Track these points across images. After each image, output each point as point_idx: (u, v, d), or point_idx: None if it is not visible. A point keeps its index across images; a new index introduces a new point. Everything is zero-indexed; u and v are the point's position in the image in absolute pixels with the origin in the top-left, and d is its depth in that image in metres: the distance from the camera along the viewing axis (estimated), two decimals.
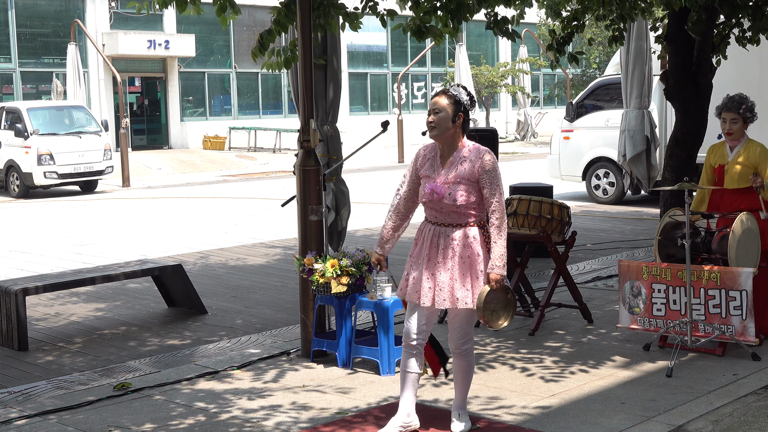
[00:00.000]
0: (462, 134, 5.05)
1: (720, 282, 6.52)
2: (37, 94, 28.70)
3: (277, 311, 8.75)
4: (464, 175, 4.94)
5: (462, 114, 5.01)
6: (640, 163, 12.68)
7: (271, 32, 7.68)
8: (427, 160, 5.11)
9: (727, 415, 5.36)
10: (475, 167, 4.94)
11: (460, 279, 4.93)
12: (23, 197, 21.14)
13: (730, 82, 11.88)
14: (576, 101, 17.29)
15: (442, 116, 4.98)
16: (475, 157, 4.97)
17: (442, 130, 5.00)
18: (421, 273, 5.02)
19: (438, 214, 5.02)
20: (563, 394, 5.83)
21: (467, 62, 32.00)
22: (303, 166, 6.77)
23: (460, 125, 5.01)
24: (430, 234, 5.03)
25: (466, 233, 4.95)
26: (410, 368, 5.09)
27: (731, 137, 6.90)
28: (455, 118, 4.99)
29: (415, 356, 5.09)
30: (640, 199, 17.00)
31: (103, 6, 29.82)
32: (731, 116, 6.86)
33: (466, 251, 4.94)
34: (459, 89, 5.05)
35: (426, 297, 4.99)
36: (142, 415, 5.66)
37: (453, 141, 5.02)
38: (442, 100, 5.01)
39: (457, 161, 4.99)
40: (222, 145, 31.46)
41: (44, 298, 9.31)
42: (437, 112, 4.99)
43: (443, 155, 5.06)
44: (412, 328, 5.08)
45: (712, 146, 7.14)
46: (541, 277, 9.63)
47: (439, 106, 5.00)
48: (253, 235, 13.80)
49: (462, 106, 5.00)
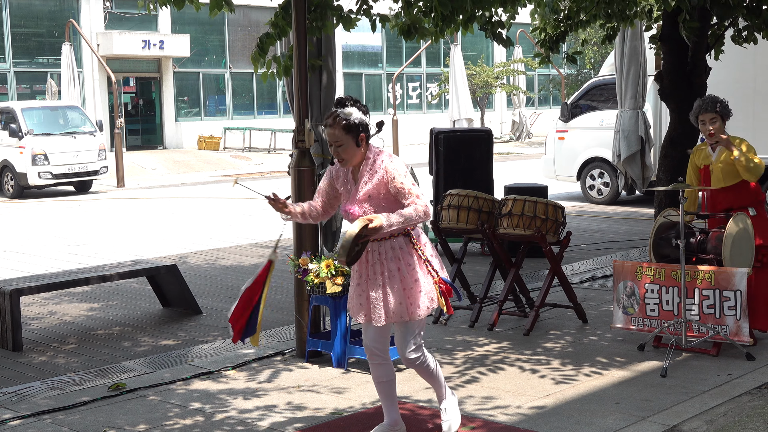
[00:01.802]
0: (368, 147, 4.83)
1: (714, 282, 6.53)
2: (32, 94, 28.66)
3: (271, 311, 8.74)
4: (371, 191, 4.76)
5: (363, 134, 4.77)
6: (634, 164, 12.71)
7: (270, 36, 7.69)
8: (340, 176, 4.93)
9: (722, 415, 5.37)
10: (380, 181, 4.74)
11: (391, 293, 4.77)
12: (17, 197, 21.11)
13: (725, 82, 11.91)
14: (571, 101, 17.31)
15: (345, 148, 4.75)
16: (378, 169, 4.76)
17: (352, 160, 4.80)
18: (355, 290, 4.92)
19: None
20: (558, 394, 5.83)
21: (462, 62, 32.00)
22: (298, 166, 6.77)
23: (365, 142, 4.80)
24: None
25: (392, 245, 4.78)
26: (381, 377, 4.99)
27: (713, 137, 6.91)
28: (359, 142, 4.77)
29: (380, 364, 4.95)
30: (634, 199, 17.02)
31: (97, 6, 29.78)
32: (710, 116, 6.87)
33: (394, 264, 4.78)
34: (345, 110, 4.76)
35: (359, 315, 4.90)
36: (137, 415, 5.66)
37: (362, 160, 4.84)
38: (336, 132, 4.74)
39: (365, 177, 4.80)
40: (217, 145, 31.44)
41: (38, 298, 9.30)
42: (339, 145, 4.76)
43: (354, 171, 4.89)
44: (365, 341, 4.98)
45: (695, 148, 7.18)
46: (535, 278, 9.64)
47: (337, 139, 4.75)
48: (248, 235, 13.79)
49: (359, 127, 4.76)
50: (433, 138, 11.32)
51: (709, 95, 7.03)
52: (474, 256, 10.95)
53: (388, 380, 5.01)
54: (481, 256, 10.70)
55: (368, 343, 4.96)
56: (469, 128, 19.51)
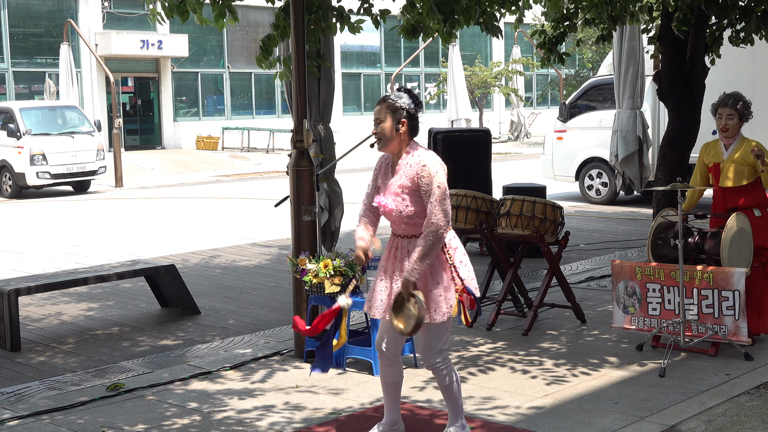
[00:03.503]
0: (409, 140, 4.82)
1: (713, 282, 6.53)
2: (30, 94, 28.64)
3: (270, 311, 8.75)
4: (406, 185, 4.73)
5: (405, 120, 4.77)
6: (632, 164, 12.70)
7: (272, 37, 7.69)
8: (382, 169, 4.93)
9: (720, 415, 5.37)
10: (414, 177, 4.70)
11: None
12: (16, 197, 21.09)
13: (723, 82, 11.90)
14: (569, 102, 17.31)
15: (383, 127, 4.76)
16: (415, 165, 4.72)
17: (386, 142, 4.79)
18: (378, 285, 4.88)
19: (394, 225, 4.86)
20: (556, 394, 5.83)
21: (461, 62, 32.02)
22: (296, 166, 6.77)
23: (405, 132, 4.79)
24: (390, 245, 4.88)
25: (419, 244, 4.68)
26: (388, 378, 4.97)
27: (726, 134, 6.88)
28: (398, 126, 4.76)
29: (389, 365, 4.93)
30: (632, 199, 17.03)
31: (96, 6, 29.76)
32: (728, 112, 6.85)
33: None
34: (400, 94, 4.81)
35: (377, 310, 4.85)
36: (135, 415, 5.65)
37: (400, 149, 4.82)
38: (382, 109, 4.78)
39: (402, 170, 4.78)
40: (215, 145, 31.44)
41: (37, 298, 9.29)
42: (379, 122, 4.78)
43: (393, 163, 4.87)
44: (378, 337, 4.96)
45: (706, 144, 7.10)
46: (534, 278, 9.64)
47: (379, 115, 4.78)
48: (247, 235, 13.79)
49: (404, 112, 4.77)
50: (432, 138, 11.32)
51: (735, 92, 6.98)
52: (473, 256, 10.83)
53: (394, 382, 4.98)
54: (479, 256, 10.70)
55: (381, 342, 4.92)
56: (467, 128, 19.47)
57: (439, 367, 4.81)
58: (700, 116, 9.77)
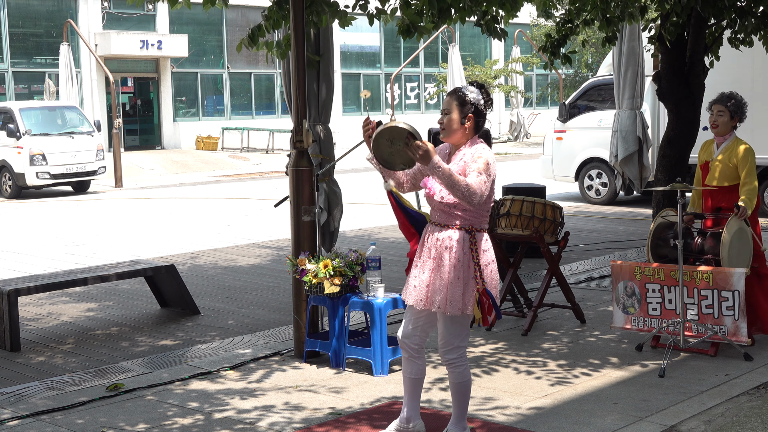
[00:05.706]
0: (472, 135, 4.82)
1: (712, 282, 6.53)
2: (30, 94, 28.64)
3: (269, 312, 8.75)
4: (457, 170, 4.72)
5: (472, 115, 4.79)
6: (631, 164, 12.71)
7: (261, 28, 7.69)
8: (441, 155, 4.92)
9: (720, 416, 5.38)
10: (465, 167, 4.72)
11: (438, 281, 4.74)
12: (15, 198, 21.09)
13: (723, 83, 11.90)
14: (569, 102, 17.31)
15: (449, 118, 4.80)
16: (470, 156, 4.75)
17: (450, 133, 4.82)
18: (412, 271, 4.92)
19: (433, 211, 4.89)
20: (556, 394, 5.83)
21: (460, 63, 32.04)
22: (296, 166, 6.77)
23: (471, 127, 4.80)
24: (426, 232, 4.91)
25: (450, 236, 4.73)
26: (406, 373, 4.98)
27: (716, 130, 6.95)
28: (464, 120, 4.78)
29: (409, 359, 4.94)
30: (632, 199, 17.03)
31: (95, 6, 29.77)
32: (718, 108, 6.93)
33: (446, 254, 4.73)
34: (471, 88, 4.83)
35: (410, 295, 4.88)
36: (135, 415, 5.66)
37: (461, 143, 4.83)
38: (450, 101, 4.82)
39: (456, 159, 4.80)
40: (215, 145, 31.43)
41: (36, 298, 9.30)
42: (446, 113, 4.82)
43: (451, 153, 4.90)
44: (402, 329, 4.98)
45: (705, 143, 7.19)
46: (533, 278, 9.64)
47: (447, 106, 4.82)
48: (246, 235, 13.78)
49: (472, 107, 4.79)
50: (431, 138, 11.30)
51: (732, 91, 7.05)
52: None
53: (416, 378, 4.97)
54: None
55: (402, 331, 4.94)
56: None
57: (455, 363, 4.83)
58: (699, 116, 9.77)
